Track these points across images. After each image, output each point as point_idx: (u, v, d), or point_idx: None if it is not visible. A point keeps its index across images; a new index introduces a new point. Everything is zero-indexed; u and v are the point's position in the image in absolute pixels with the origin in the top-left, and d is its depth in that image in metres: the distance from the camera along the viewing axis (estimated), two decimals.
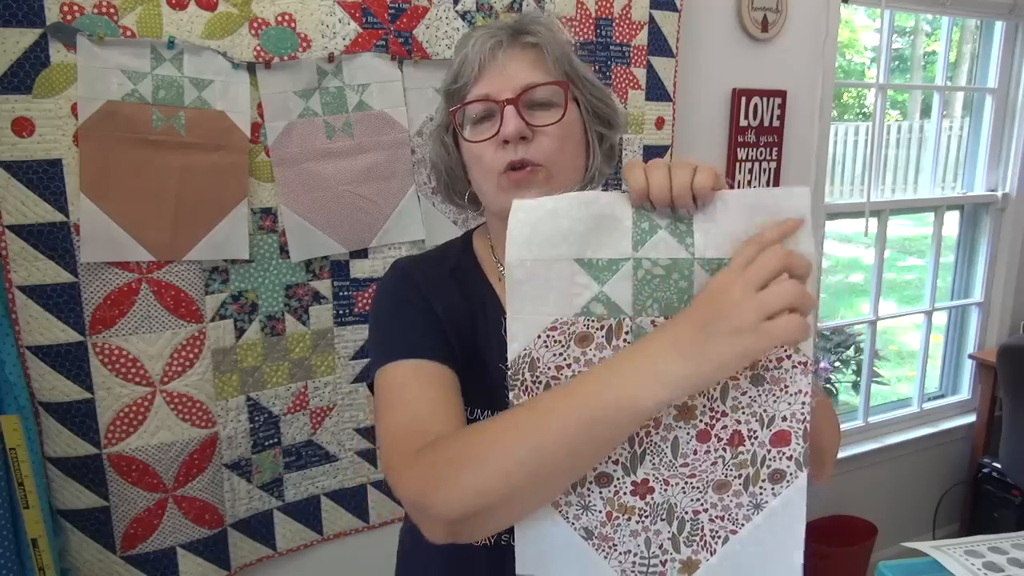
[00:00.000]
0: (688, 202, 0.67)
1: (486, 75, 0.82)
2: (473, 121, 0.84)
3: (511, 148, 0.81)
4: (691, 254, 0.69)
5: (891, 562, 1.17)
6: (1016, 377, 2.41)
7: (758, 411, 0.70)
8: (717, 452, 0.71)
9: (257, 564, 1.58)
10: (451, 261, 0.93)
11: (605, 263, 0.70)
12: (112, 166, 1.27)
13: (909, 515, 2.80)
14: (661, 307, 0.69)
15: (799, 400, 0.69)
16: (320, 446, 1.60)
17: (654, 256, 0.69)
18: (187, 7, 1.30)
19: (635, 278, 0.69)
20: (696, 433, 0.71)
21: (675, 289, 0.69)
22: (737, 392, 0.70)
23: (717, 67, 2.04)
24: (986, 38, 2.75)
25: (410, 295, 0.87)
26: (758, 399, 0.70)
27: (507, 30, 0.84)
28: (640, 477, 0.72)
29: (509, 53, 0.83)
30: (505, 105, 0.80)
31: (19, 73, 1.19)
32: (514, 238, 0.70)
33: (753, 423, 0.70)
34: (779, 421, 0.70)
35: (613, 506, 0.72)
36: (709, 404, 0.70)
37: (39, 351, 1.27)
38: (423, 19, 1.53)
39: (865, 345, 2.81)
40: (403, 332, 0.84)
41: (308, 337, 1.54)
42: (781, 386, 0.69)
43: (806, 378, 0.69)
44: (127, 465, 1.35)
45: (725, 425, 0.70)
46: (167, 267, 1.35)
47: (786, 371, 0.69)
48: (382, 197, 1.54)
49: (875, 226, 2.57)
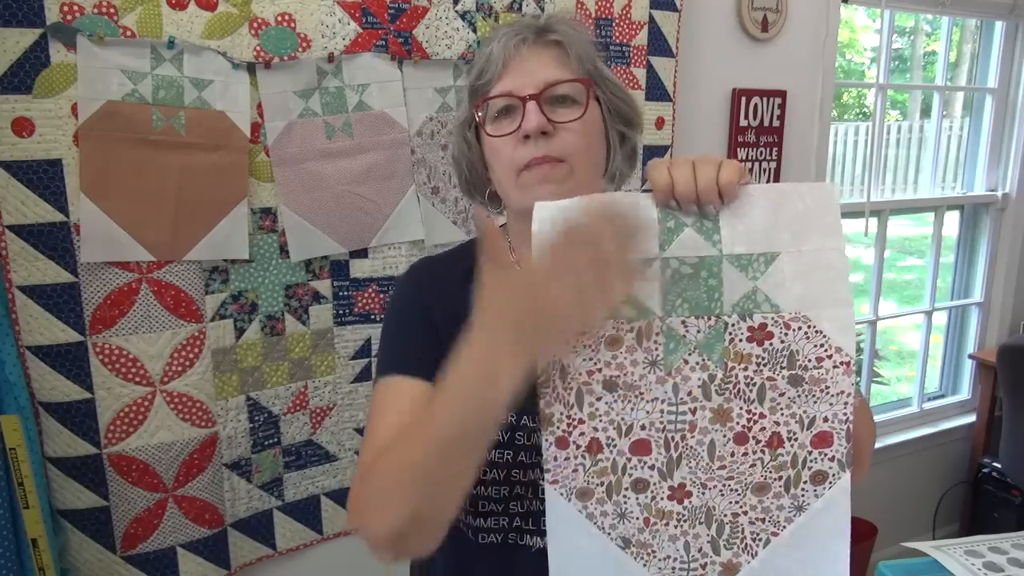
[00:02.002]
0: (714, 198, 0.67)
1: (509, 71, 0.83)
2: (495, 117, 0.84)
3: (532, 144, 0.81)
4: (719, 251, 0.68)
5: (891, 562, 1.17)
6: (1016, 377, 2.41)
7: (798, 412, 0.69)
8: (756, 454, 0.70)
9: (257, 564, 1.58)
10: (467, 261, 0.92)
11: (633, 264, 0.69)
12: (112, 166, 1.27)
13: (909, 515, 2.80)
14: (691, 306, 0.69)
15: (841, 400, 0.68)
16: (320, 446, 1.60)
17: (681, 255, 0.69)
18: (187, 7, 1.30)
19: (663, 278, 0.69)
20: (733, 436, 0.70)
21: (704, 287, 0.69)
22: (775, 393, 0.69)
23: (717, 67, 2.04)
24: (986, 38, 2.75)
25: (413, 306, 0.89)
26: (797, 400, 0.69)
27: (532, 28, 0.85)
28: (677, 482, 0.71)
29: (532, 50, 0.83)
30: (527, 100, 0.81)
31: (19, 73, 1.19)
32: (539, 239, 0.69)
33: (793, 424, 0.69)
34: (820, 422, 0.69)
35: (651, 512, 0.72)
36: (746, 406, 0.70)
37: (39, 351, 1.27)
38: (423, 19, 1.53)
39: (865, 345, 2.80)
40: (399, 346, 0.87)
41: (308, 337, 1.54)
42: (822, 387, 0.69)
43: (848, 378, 0.68)
44: (127, 465, 1.35)
45: (763, 427, 0.70)
46: (167, 267, 1.35)
47: (827, 371, 0.68)
48: (382, 197, 1.54)
49: (875, 226, 2.57)
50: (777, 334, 0.69)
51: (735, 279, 0.68)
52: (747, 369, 0.69)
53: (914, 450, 2.77)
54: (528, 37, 0.83)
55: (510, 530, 0.84)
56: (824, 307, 0.68)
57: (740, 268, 0.68)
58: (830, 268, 0.68)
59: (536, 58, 0.83)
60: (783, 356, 0.69)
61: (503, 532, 0.85)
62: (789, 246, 0.68)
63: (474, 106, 0.87)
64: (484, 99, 0.85)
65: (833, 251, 0.68)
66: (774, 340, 0.69)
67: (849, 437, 0.69)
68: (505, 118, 0.83)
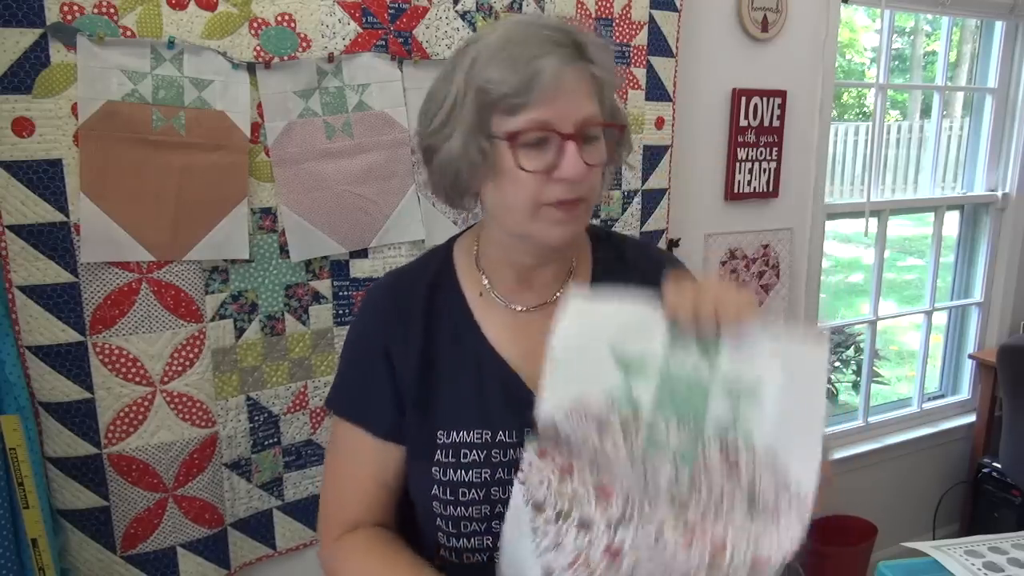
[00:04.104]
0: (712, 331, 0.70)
1: (550, 99, 0.75)
2: (525, 144, 0.77)
3: (567, 186, 0.77)
4: (712, 374, 0.72)
5: (891, 562, 1.17)
6: (1016, 377, 2.41)
7: (749, 536, 0.70)
8: (698, 559, 0.70)
9: (257, 563, 1.58)
10: (429, 275, 0.92)
11: (636, 356, 0.73)
12: (112, 166, 1.27)
13: (909, 515, 2.80)
14: (677, 414, 0.72)
15: (789, 535, 0.69)
16: (320, 445, 1.60)
17: (679, 364, 0.72)
18: (187, 7, 1.30)
19: (660, 379, 0.72)
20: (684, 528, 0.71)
21: (691, 403, 0.72)
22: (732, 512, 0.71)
23: (717, 67, 2.04)
24: (986, 38, 2.75)
25: (371, 345, 0.89)
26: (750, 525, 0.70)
27: (571, 46, 0.77)
28: (617, 540, 0.71)
29: (575, 78, 0.77)
30: (567, 139, 0.76)
31: (19, 73, 1.19)
32: (563, 330, 0.74)
33: (741, 543, 0.70)
34: (764, 547, 0.69)
35: (581, 556, 0.72)
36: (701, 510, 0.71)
37: (39, 351, 1.27)
38: (423, 19, 1.53)
39: (865, 345, 2.81)
40: (357, 389, 0.90)
41: (308, 337, 1.54)
42: (775, 517, 0.70)
43: (805, 516, 0.68)
44: (127, 465, 1.35)
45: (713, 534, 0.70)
46: (167, 267, 1.35)
47: (786, 506, 0.69)
48: (382, 197, 1.54)
49: (875, 226, 2.57)
50: (743, 465, 0.71)
51: (721, 406, 0.71)
52: (711, 486, 0.72)
53: (914, 450, 2.77)
54: (568, 60, 0.76)
55: (494, 549, 0.83)
56: (795, 449, 0.70)
57: (728, 396, 0.71)
58: (809, 417, 0.70)
59: (577, 90, 0.77)
60: (746, 485, 0.71)
61: (487, 551, 0.85)
62: (775, 386, 0.71)
63: (508, 134, 0.77)
64: (513, 117, 0.76)
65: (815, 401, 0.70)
66: (741, 469, 0.71)
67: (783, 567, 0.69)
68: (535, 148, 0.77)
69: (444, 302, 0.90)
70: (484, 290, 0.90)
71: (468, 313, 0.89)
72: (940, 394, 3.00)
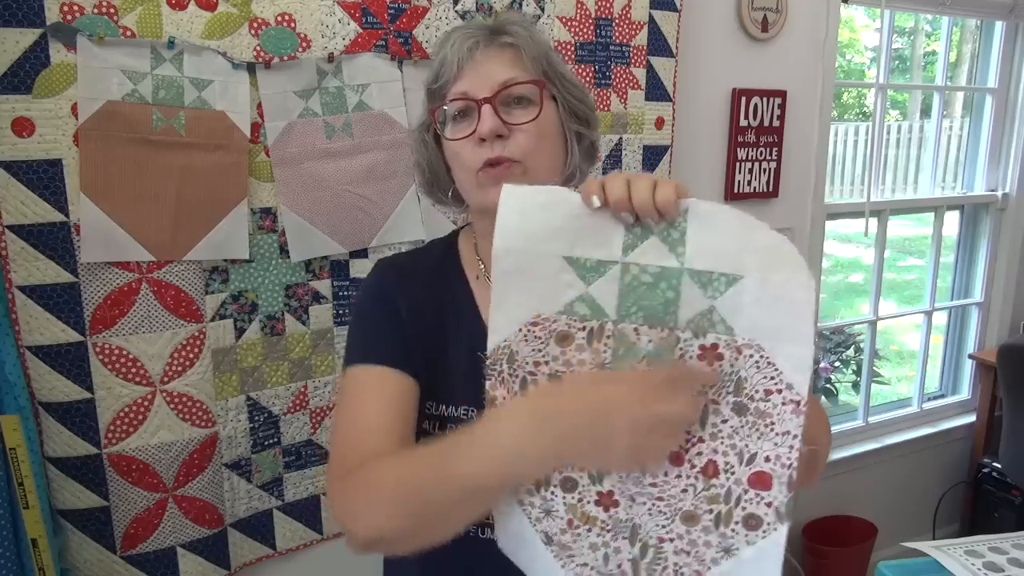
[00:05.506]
0: (651, 214, 0.67)
1: (464, 74, 0.84)
2: (452, 119, 0.86)
3: (488, 145, 0.83)
4: (681, 264, 0.66)
5: (891, 562, 1.17)
6: (1016, 377, 2.41)
7: (738, 444, 0.66)
8: (688, 479, 0.68)
9: (257, 563, 1.58)
10: (431, 260, 0.96)
11: (593, 263, 0.68)
12: (112, 166, 1.27)
13: (909, 515, 2.80)
14: (646, 314, 0.67)
15: (786, 442, 0.65)
16: (320, 446, 1.60)
17: (643, 262, 0.67)
18: (187, 7, 1.30)
19: (622, 282, 0.68)
20: (669, 454, 0.67)
21: (661, 299, 0.67)
22: (717, 419, 0.67)
23: (717, 67, 2.04)
24: (986, 38, 2.75)
25: (379, 299, 0.90)
26: (740, 431, 0.66)
27: (484, 30, 0.86)
28: (606, 488, 0.69)
29: (486, 53, 0.85)
30: (482, 103, 0.82)
31: (19, 73, 1.19)
32: (503, 225, 0.69)
33: (731, 456, 0.66)
34: (761, 460, 0.66)
35: (575, 514, 0.70)
36: (686, 425, 0.67)
37: (39, 351, 1.27)
38: (423, 19, 1.53)
39: (865, 345, 2.81)
40: (368, 337, 0.89)
41: (308, 337, 1.54)
42: (767, 421, 0.65)
43: (797, 419, 0.64)
44: (127, 465, 1.35)
45: (700, 452, 0.67)
46: (167, 267, 1.35)
47: (774, 406, 0.65)
48: (382, 197, 1.55)
49: (875, 226, 2.57)
50: (728, 357, 0.66)
51: (693, 295, 0.66)
52: None
53: (914, 450, 2.77)
54: (481, 40, 0.85)
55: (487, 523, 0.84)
56: (782, 341, 0.65)
57: (700, 285, 0.66)
58: (794, 303, 0.64)
59: (490, 60, 0.84)
60: (730, 381, 0.66)
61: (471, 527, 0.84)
62: (755, 272, 0.66)
63: (430, 110, 0.89)
64: (440, 103, 0.87)
65: (800, 286, 0.64)
66: (724, 363, 0.67)
67: (791, 487, 0.65)
68: (462, 121, 0.85)
69: (449, 278, 0.93)
70: (480, 273, 0.93)
71: (470, 294, 0.92)
72: (940, 394, 3.00)
